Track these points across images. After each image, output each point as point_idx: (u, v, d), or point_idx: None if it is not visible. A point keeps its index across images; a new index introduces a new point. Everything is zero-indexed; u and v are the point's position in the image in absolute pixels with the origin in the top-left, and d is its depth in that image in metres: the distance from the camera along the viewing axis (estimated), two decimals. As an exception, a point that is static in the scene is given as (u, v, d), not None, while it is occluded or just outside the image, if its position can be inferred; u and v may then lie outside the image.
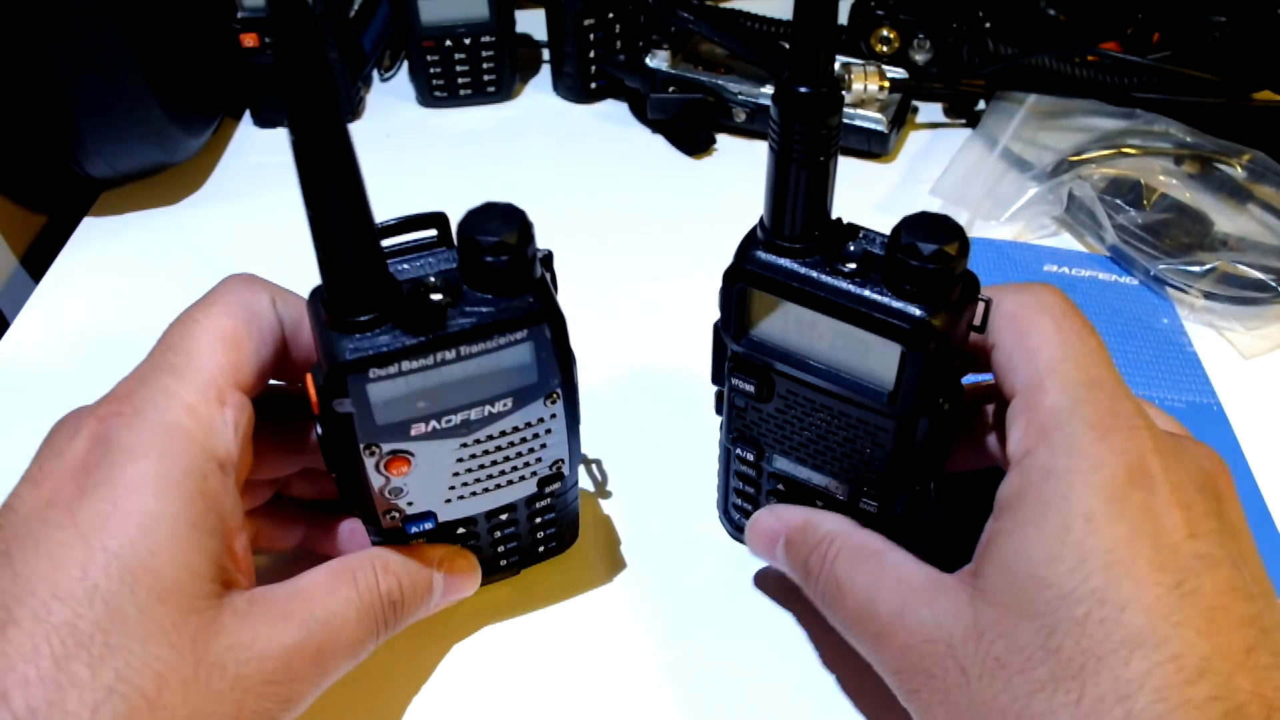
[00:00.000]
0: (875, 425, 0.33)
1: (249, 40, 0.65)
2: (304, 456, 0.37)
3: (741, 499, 0.40)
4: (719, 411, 0.38)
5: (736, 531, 0.42)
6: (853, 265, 0.31)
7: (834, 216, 0.32)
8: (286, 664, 0.30)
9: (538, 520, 0.38)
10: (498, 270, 0.30)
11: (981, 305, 0.31)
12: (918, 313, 0.30)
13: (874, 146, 0.65)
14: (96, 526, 0.28)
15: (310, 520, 0.40)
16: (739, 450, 0.37)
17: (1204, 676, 0.25)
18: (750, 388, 0.35)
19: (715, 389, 0.37)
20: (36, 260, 0.63)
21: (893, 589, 0.31)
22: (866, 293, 0.30)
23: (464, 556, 0.37)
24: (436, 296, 0.30)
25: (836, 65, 0.66)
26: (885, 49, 0.69)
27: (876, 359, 0.31)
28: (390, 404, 0.31)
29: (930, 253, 0.29)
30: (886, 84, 0.65)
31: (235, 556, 0.30)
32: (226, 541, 0.30)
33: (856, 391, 0.32)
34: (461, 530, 0.37)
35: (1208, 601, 0.26)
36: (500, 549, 0.39)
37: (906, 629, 0.30)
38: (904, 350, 0.30)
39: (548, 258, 0.33)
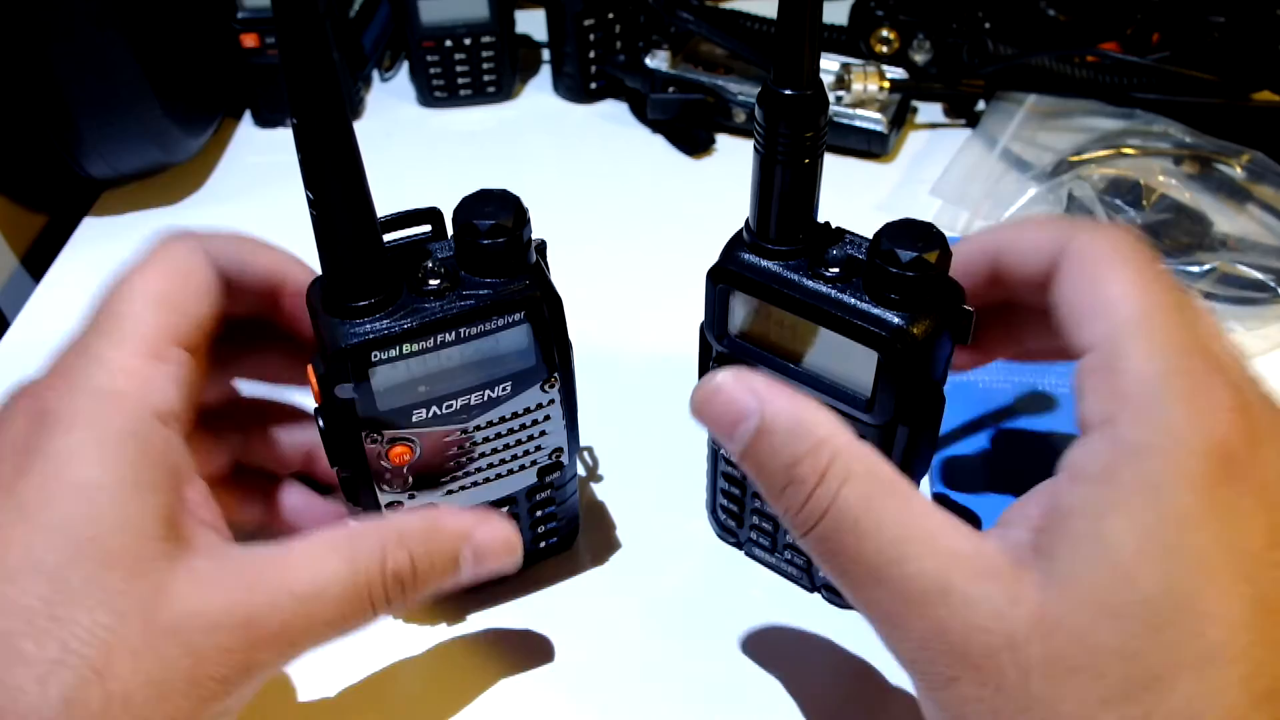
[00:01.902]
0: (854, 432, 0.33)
1: (249, 40, 0.65)
2: (239, 367, 0.37)
3: (728, 500, 0.40)
4: (705, 413, 0.38)
5: (724, 532, 0.42)
6: (835, 270, 0.31)
7: (825, 219, 0.32)
8: (245, 635, 0.28)
9: (538, 514, 0.38)
10: (494, 254, 0.31)
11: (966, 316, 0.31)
12: (896, 320, 0.29)
13: (874, 147, 0.65)
14: (37, 502, 0.27)
15: (269, 494, 0.39)
16: (724, 451, 0.37)
17: (1270, 699, 0.23)
18: None
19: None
20: (36, 260, 0.63)
21: (929, 550, 0.26)
22: (846, 298, 0.30)
23: (498, 523, 0.33)
24: (435, 281, 0.31)
25: (836, 65, 0.67)
26: (885, 49, 0.69)
27: (855, 365, 0.31)
28: (391, 389, 0.31)
29: (909, 260, 0.29)
30: (886, 84, 0.65)
31: (190, 509, 0.30)
32: (176, 495, 0.29)
33: (835, 397, 0.32)
34: (463, 524, 0.37)
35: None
36: (501, 544, 0.39)
37: (950, 607, 0.25)
38: (880, 357, 0.30)
39: (541, 246, 0.33)
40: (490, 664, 0.38)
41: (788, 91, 0.28)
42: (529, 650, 0.39)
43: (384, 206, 0.30)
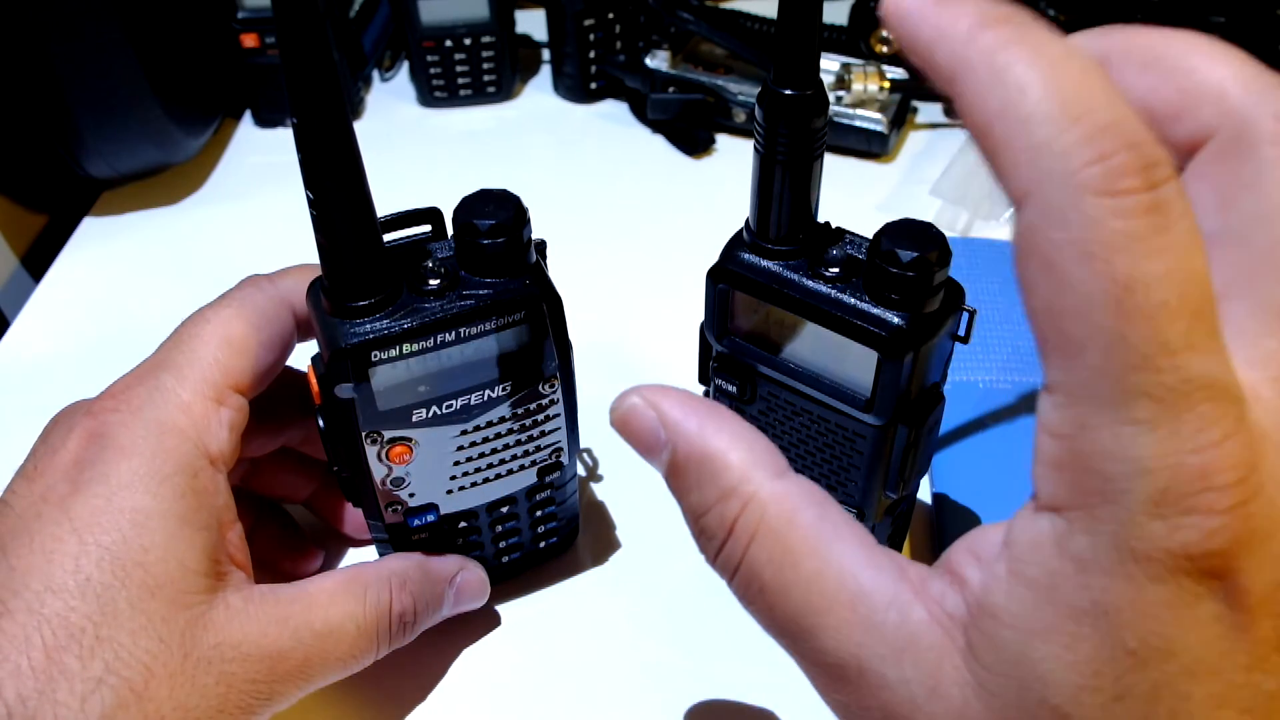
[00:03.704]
0: (853, 432, 0.33)
1: (249, 40, 0.65)
2: (281, 437, 0.38)
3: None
4: (705, 413, 0.38)
5: None
6: (835, 270, 0.31)
7: (825, 219, 0.32)
8: (271, 667, 0.30)
9: (538, 514, 0.38)
10: (494, 253, 0.31)
11: (965, 315, 0.31)
12: (895, 320, 0.29)
13: (874, 146, 0.65)
14: (90, 522, 0.28)
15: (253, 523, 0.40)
16: None
17: None
18: (733, 388, 0.35)
19: (702, 389, 0.37)
20: (36, 260, 0.64)
21: (844, 620, 0.22)
22: (846, 298, 0.30)
23: (476, 569, 0.37)
24: (435, 281, 0.31)
25: (837, 65, 0.67)
26: (885, 49, 0.69)
27: (855, 365, 0.31)
28: (391, 389, 0.31)
29: (909, 260, 0.29)
30: (886, 84, 0.65)
31: (228, 550, 0.31)
32: (219, 535, 0.31)
33: (835, 397, 0.32)
34: (464, 524, 0.37)
35: None
36: (502, 544, 0.39)
37: (865, 684, 0.22)
38: (880, 357, 0.30)
39: (541, 245, 0.33)
40: (491, 664, 0.38)
41: (788, 91, 0.28)
42: (529, 650, 0.39)
43: (384, 206, 0.30)
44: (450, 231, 0.32)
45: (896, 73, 0.67)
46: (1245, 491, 0.18)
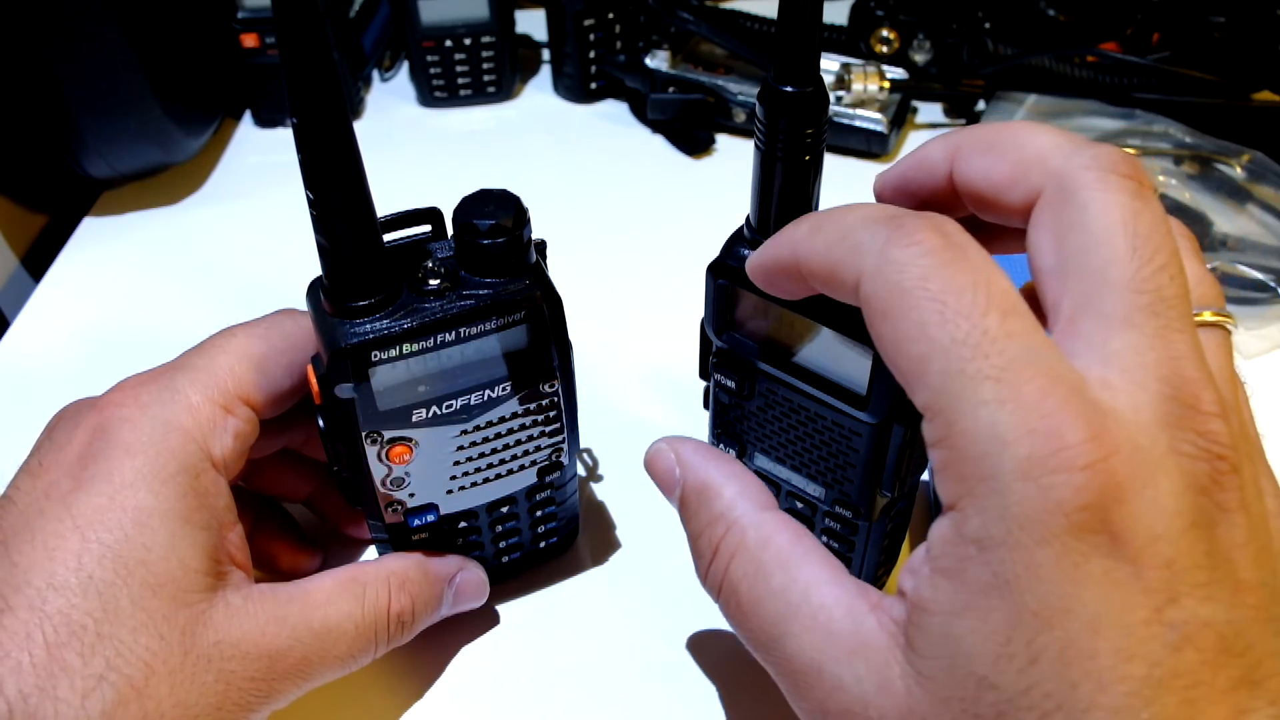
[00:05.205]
0: (850, 429, 0.33)
1: (249, 40, 0.65)
2: (282, 438, 0.38)
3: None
4: (706, 407, 0.38)
5: None
6: None
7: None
8: (270, 666, 0.30)
9: (538, 514, 0.38)
10: (494, 253, 0.31)
11: None
12: None
13: (874, 146, 0.66)
14: (92, 520, 0.29)
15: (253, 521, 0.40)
16: (722, 447, 0.37)
17: None
18: (732, 384, 0.35)
19: (703, 385, 0.38)
20: (36, 260, 0.64)
21: (806, 627, 0.26)
22: None
23: (475, 569, 0.38)
24: (435, 281, 0.31)
25: (837, 65, 0.67)
26: (885, 49, 0.69)
27: (851, 363, 0.31)
28: (391, 389, 0.31)
29: None
30: (886, 84, 0.65)
31: (228, 550, 0.31)
32: (219, 536, 0.31)
33: (831, 394, 0.32)
34: (464, 524, 0.37)
35: (1188, 679, 0.21)
36: (502, 544, 0.39)
37: (824, 686, 0.25)
38: (876, 355, 0.30)
39: (541, 245, 0.33)
40: (490, 663, 0.38)
41: (788, 88, 0.28)
42: (529, 650, 0.39)
43: (384, 206, 0.30)
44: (450, 231, 0.32)
45: (896, 73, 0.68)
46: (1100, 449, 0.21)
